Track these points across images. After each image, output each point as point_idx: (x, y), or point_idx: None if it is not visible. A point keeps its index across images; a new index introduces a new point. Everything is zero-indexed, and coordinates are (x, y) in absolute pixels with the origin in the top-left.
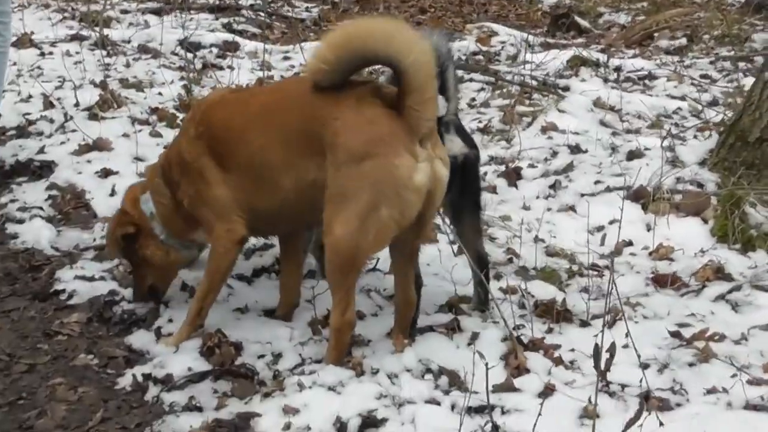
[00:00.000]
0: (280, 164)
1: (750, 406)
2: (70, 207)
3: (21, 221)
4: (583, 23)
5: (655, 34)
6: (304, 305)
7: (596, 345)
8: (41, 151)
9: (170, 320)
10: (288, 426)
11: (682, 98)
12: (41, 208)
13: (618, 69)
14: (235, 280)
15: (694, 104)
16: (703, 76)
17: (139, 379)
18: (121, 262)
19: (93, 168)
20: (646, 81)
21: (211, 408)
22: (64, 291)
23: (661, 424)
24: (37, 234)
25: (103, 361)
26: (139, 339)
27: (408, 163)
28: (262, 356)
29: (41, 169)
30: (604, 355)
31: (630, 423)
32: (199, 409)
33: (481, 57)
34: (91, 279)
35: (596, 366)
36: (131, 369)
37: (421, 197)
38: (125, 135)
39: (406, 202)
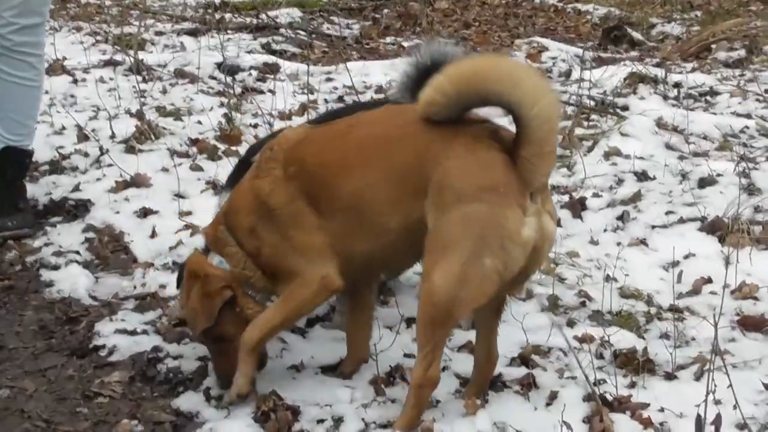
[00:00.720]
0: (386, 203)
1: None
2: (108, 251)
3: (56, 267)
4: (636, 35)
5: (713, 46)
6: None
7: (698, 417)
8: (76, 188)
9: None
10: None
11: (748, 116)
12: (78, 252)
13: (678, 85)
14: (287, 332)
15: (762, 122)
16: (767, 91)
17: None
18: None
19: (131, 207)
20: (708, 97)
21: None
22: (104, 346)
23: None
24: (74, 281)
25: (149, 427)
26: (187, 401)
27: (517, 215)
28: (321, 421)
29: (77, 209)
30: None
31: None
32: None
33: None
34: (133, 333)
35: None
36: None
37: (526, 252)
38: (164, 169)
39: (510, 256)
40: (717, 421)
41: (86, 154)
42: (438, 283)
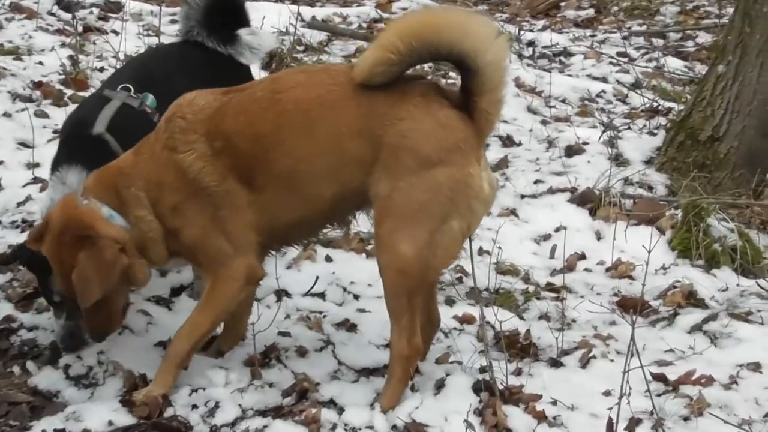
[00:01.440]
0: (323, 172)
1: None
2: None
3: None
4: None
5: (562, 4)
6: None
7: (609, 420)
8: None
9: (80, 355)
10: None
11: (604, 79)
12: None
13: (532, 44)
14: (152, 304)
15: (619, 88)
16: (620, 54)
17: None
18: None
19: None
20: (562, 58)
21: None
22: None
23: None
24: None
25: (3, 408)
26: (46, 379)
27: (478, 172)
28: (195, 407)
29: None
30: None
31: None
32: None
33: (383, 25)
34: None
35: None
36: (38, 421)
37: (487, 208)
38: (6, 114)
39: (475, 214)
40: (631, 427)
41: None
42: (407, 252)
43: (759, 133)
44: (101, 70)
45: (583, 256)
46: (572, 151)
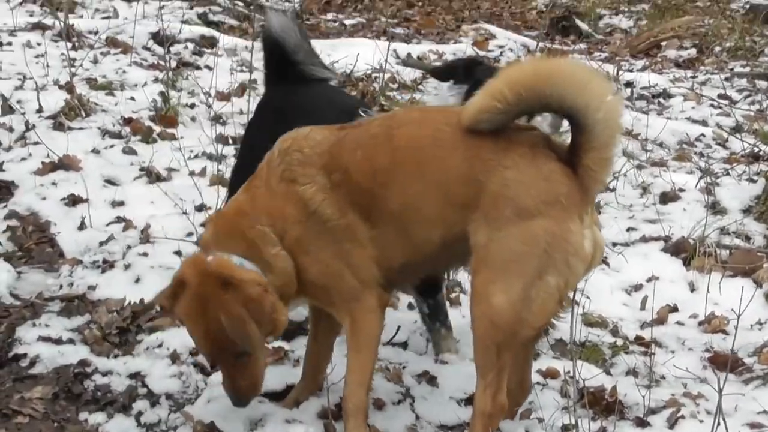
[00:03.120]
0: (432, 213)
1: None
2: (32, 242)
3: None
4: (584, 27)
5: (663, 44)
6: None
7: None
8: None
9: (154, 403)
10: None
11: (704, 122)
12: None
13: (630, 84)
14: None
15: (719, 132)
16: (721, 96)
17: None
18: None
19: (59, 193)
20: (661, 99)
21: None
22: (25, 356)
23: None
24: None
25: None
26: (118, 426)
27: (579, 229)
28: None
29: None
30: None
31: None
32: None
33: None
34: (58, 341)
35: None
36: None
37: (587, 266)
38: (95, 151)
39: (573, 271)
40: None
41: (11, 129)
42: (500, 305)
43: None
44: (192, 106)
45: (675, 309)
46: (667, 198)
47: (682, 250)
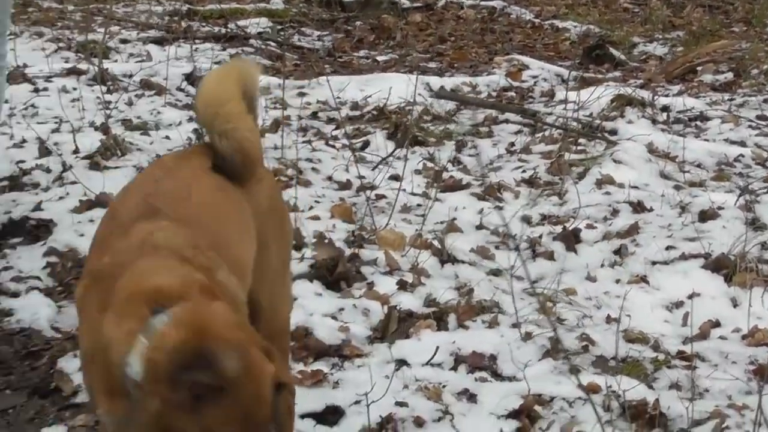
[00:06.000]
0: None
1: None
2: (72, 277)
3: (16, 294)
4: (618, 55)
5: (699, 68)
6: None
7: None
8: (38, 207)
9: None
10: None
11: (742, 144)
12: (39, 278)
13: (666, 109)
14: None
15: (758, 151)
16: (760, 117)
17: None
18: None
19: (96, 229)
20: (698, 122)
21: None
22: (68, 386)
23: None
24: (34, 311)
25: None
26: None
27: None
28: None
29: (38, 230)
30: None
31: None
32: None
33: (513, 94)
34: None
35: None
36: None
37: None
38: None
39: None
40: None
41: (48, 170)
42: None
43: None
44: None
45: (717, 324)
46: (706, 216)
47: (723, 266)
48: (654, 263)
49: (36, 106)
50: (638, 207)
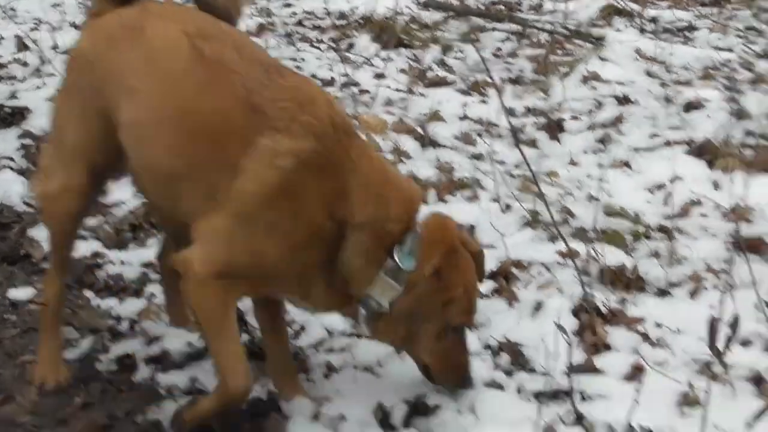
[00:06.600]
0: None
1: None
2: None
3: None
4: None
5: None
6: None
7: (712, 318)
8: (13, 96)
9: None
10: (317, 416)
11: (730, 50)
12: (12, 159)
13: (655, 20)
14: None
15: (746, 55)
16: (748, 28)
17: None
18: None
19: None
20: (686, 32)
21: None
22: (38, 253)
23: None
24: (7, 187)
25: (84, 335)
26: (131, 307)
27: None
28: None
29: (13, 116)
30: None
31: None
32: (203, 393)
33: (501, 6)
34: None
35: (712, 346)
36: (118, 344)
37: None
38: None
39: None
40: (735, 325)
41: (25, 64)
42: None
43: None
44: None
45: (698, 203)
46: (691, 107)
47: (706, 152)
48: (637, 149)
49: (15, 9)
50: (624, 100)
